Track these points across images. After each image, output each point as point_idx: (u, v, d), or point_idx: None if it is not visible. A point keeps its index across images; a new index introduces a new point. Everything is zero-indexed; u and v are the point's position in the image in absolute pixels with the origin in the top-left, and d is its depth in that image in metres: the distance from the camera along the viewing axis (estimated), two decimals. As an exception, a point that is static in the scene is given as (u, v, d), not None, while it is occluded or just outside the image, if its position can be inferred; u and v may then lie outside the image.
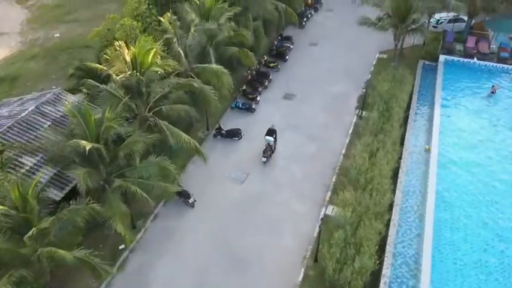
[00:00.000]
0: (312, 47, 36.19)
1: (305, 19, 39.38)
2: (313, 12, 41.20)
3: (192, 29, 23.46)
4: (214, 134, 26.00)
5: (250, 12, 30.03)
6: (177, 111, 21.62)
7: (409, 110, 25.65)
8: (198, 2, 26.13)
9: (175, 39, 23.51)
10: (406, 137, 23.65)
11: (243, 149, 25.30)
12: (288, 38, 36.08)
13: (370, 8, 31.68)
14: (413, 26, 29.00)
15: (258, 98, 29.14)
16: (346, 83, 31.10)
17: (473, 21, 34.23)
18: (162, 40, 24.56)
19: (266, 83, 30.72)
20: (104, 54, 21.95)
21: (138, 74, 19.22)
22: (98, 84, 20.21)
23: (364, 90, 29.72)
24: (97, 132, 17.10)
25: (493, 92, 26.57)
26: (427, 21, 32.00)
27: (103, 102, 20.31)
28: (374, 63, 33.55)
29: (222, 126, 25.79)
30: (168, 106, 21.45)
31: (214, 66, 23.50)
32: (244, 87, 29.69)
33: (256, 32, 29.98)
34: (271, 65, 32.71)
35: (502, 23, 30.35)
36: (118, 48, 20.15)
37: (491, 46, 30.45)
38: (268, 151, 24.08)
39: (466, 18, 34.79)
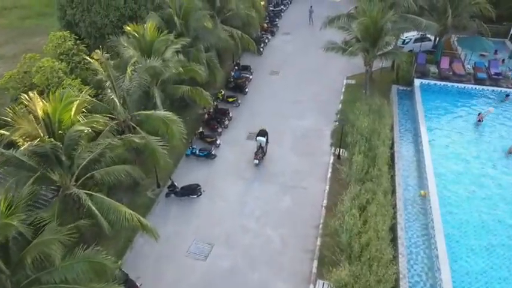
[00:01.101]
0: (273, 76, 32.18)
1: (262, 45, 35.53)
2: (270, 37, 37.51)
3: (129, 70, 18.50)
4: (167, 193, 20.91)
5: (201, 42, 25.61)
6: (115, 174, 16.58)
7: (393, 147, 21.93)
8: (137, 34, 21.31)
9: (108, 83, 18.49)
10: (396, 181, 19.76)
11: (205, 209, 20.36)
12: (246, 68, 31.94)
13: (330, 30, 28.20)
14: (385, 50, 25.66)
15: (218, 141, 24.46)
16: (315, 115, 27.15)
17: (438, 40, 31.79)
18: (93, 83, 19.65)
19: (226, 122, 26.15)
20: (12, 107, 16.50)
21: (54, 137, 14.03)
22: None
23: (336, 123, 26.01)
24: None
25: (480, 120, 23.50)
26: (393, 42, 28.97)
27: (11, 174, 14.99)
28: (343, 90, 30.00)
29: (175, 183, 20.78)
30: (102, 170, 16.33)
31: (160, 112, 18.63)
32: (200, 130, 24.92)
33: (210, 65, 25.50)
34: (230, 99, 28.27)
35: (471, 41, 27.76)
36: (27, 103, 14.84)
37: (466, 66, 27.75)
38: (260, 153, 22.83)
39: (432, 37, 32.34)
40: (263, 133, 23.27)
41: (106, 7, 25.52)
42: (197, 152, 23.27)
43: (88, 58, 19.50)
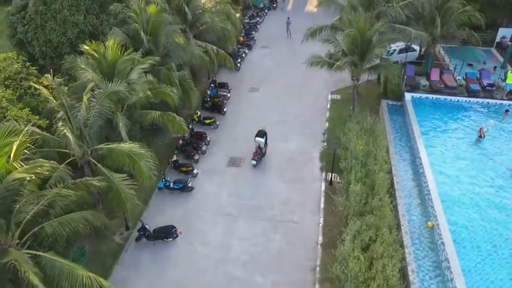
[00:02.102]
0: (252, 93, 29.59)
1: (239, 60, 32.95)
2: (247, 51, 34.99)
3: (85, 98, 15.42)
4: (137, 236, 17.81)
5: (172, 60, 22.78)
6: (71, 225, 13.53)
7: (391, 171, 19.57)
8: (96, 54, 18.30)
9: (61, 113, 15.39)
10: (399, 212, 17.34)
11: (182, 256, 17.32)
12: (223, 85, 29.26)
13: (309, 43, 25.98)
14: (373, 63, 23.53)
15: (196, 171, 21.55)
16: (301, 136, 24.64)
17: (423, 50, 30.07)
18: (45, 112, 16.53)
19: (203, 147, 23.28)
20: None
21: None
22: None
23: (325, 144, 23.58)
24: None
25: (481, 136, 21.51)
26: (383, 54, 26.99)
27: None
28: (328, 106, 27.67)
29: (146, 225, 17.71)
30: (55, 221, 13.25)
31: (125, 145, 15.61)
32: (174, 158, 21.96)
33: (184, 84, 22.63)
34: (207, 121, 25.44)
35: (462, 51, 25.99)
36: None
37: (457, 78, 25.95)
38: (259, 154, 22.04)
39: (417, 47, 30.62)
40: (262, 134, 22.17)
41: (63, 23, 22.39)
42: (171, 184, 20.27)
43: (35, 85, 16.32)
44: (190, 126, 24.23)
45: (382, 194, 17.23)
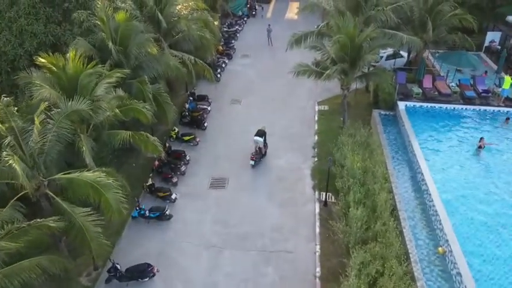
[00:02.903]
0: (234, 105, 27.46)
1: (219, 70, 30.87)
2: (227, 61, 32.95)
3: (37, 121, 12.90)
4: (107, 278, 15.25)
5: (145, 72, 20.45)
6: (20, 277, 11.00)
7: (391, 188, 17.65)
8: (55, 68, 15.80)
9: (9, 138, 12.82)
10: (405, 237, 15.36)
11: (160, 298, 14.92)
12: (203, 98, 27.04)
13: (292, 51, 24.17)
14: (364, 71, 21.78)
15: (174, 195, 19.14)
16: (290, 151, 22.58)
17: (411, 56, 28.67)
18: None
19: (183, 167, 20.90)
20: None
21: None
22: None
23: (315, 159, 21.61)
24: None
25: (480, 147, 19.94)
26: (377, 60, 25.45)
27: None
28: (316, 118, 25.76)
29: (117, 265, 15.18)
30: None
31: (88, 174, 13.15)
32: (149, 182, 19.51)
33: (159, 99, 20.29)
34: (186, 138, 23.11)
35: (456, 57, 24.50)
36: None
37: (450, 84, 24.48)
38: (258, 154, 21.28)
39: (405, 53, 29.20)
40: (261, 133, 21.31)
41: (19, 33, 19.80)
42: (147, 213, 17.81)
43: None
44: (167, 145, 21.86)
45: (386, 218, 15.27)
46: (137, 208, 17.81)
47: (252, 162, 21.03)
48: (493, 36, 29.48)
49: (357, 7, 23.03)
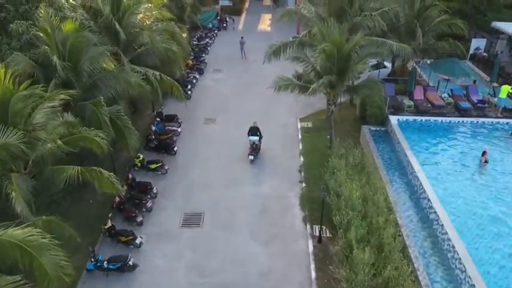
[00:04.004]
0: (208, 125, 24.47)
1: (190, 86, 27.90)
2: (198, 76, 30.04)
3: None
4: None
5: (101, 91, 17.21)
6: None
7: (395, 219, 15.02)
8: (-22, 89, 12.41)
9: None
10: (420, 282, 12.69)
11: None
12: (172, 118, 23.91)
13: (268, 64, 21.67)
14: (355, 83, 19.39)
15: (139, 239, 15.75)
16: (274, 176, 19.74)
17: (398, 66, 26.70)
18: None
19: (149, 203, 17.59)
20: None
21: None
22: None
23: (303, 184, 18.87)
24: None
25: (486, 162, 17.81)
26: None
27: None
28: (299, 137, 23.10)
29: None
30: None
31: (16, 232, 9.76)
32: (109, 224, 16.06)
33: (118, 123, 17.03)
34: (153, 166, 19.84)
35: (449, 66, 22.53)
36: None
37: (443, 95, 22.47)
38: (254, 149, 20.87)
39: (389, 64, 27.21)
40: (255, 131, 20.91)
41: None
42: (105, 264, 14.39)
43: None
44: (131, 176, 18.56)
45: (397, 260, 12.58)
46: (92, 260, 14.37)
47: (251, 157, 20.63)
48: (478, 43, 28.00)
49: (341, 13, 20.77)
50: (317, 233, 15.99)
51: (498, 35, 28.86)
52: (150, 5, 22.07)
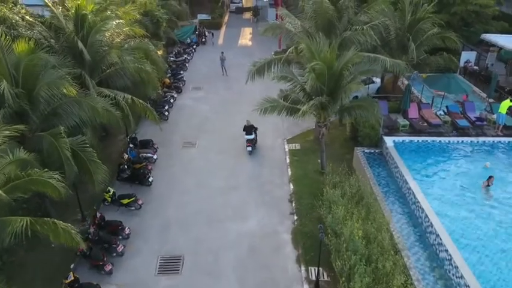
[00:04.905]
0: (187, 149, 22.35)
1: (167, 106, 25.77)
2: (175, 95, 28.00)
3: None
4: None
5: (63, 120, 14.98)
6: None
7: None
8: None
9: None
10: None
11: None
12: (147, 143, 21.71)
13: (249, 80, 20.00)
14: (348, 103, 17.66)
15: (108, 293, 13.45)
16: (261, 208, 17.70)
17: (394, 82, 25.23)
18: None
19: (120, 248, 15.24)
20: None
21: None
22: None
23: (295, 217, 16.91)
24: None
25: (489, 185, 16.26)
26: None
27: None
28: (287, 161, 21.18)
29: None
30: None
31: None
32: (70, 277, 13.55)
33: (83, 157, 14.72)
34: (125, 201, 17.52)
35: (445, 81, 21.09)
36: None
37: (438, 113, 21.01)
38: (251, 141, 21.38)
39: (378, 79, 25.79)
40: (250, 130, 21.37)
41: None
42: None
43: None
44: (99, 214, 16.22)
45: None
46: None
47: (250, 149, 21.23)
48: (468, 56, 26.87)
49: (330, 28, 19.14)
50: (314, 277, 13.98)
51: (486, 47, 27.92)
52: (120, 21, 20.00)
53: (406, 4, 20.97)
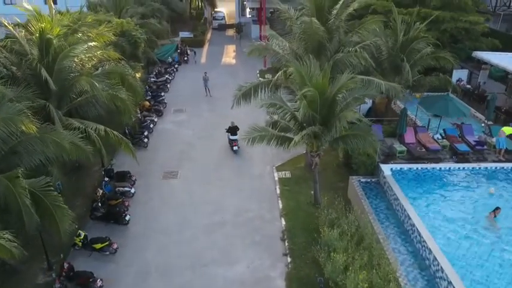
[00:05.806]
0: (168, 180, 20.52)
1: (146, 132, 23.96)
2: (156, 119, 26.24)
3: None
4: None
5: (24, 160, 13.11)
6: None
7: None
8: None
9: None
10: None
11: None
12: (124, 175, 19.81)
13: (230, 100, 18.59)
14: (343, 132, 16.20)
15: None
16: (250, 248, 15.94)
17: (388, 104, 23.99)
18: None
19: (91, 302, 13.32)
20: None
21: None
22: None
23: (288, 258, 15.24)
24: None
25: (495, 216, 14.97)
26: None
27: None
28: (278, 191, 19.55)
29: None
30: None
31: None
32: None
33: (46, 202, 12.80)
34: (98, 245, 15.56)
35: (442, 103, 19.83)
36: None
37: (435, 136, 19.80)
38: (237, 142, 21.91)
39: (369, 100, 24.53)
40: (234, 130, 21.95)
41: None
42: None
43: None
44: (67, 264, 14.24)
45: None
46: None
47: (236, 148, 22.04)
48: (459, 75, 25.99)
49: (320, 49, 17.81)
50: (313, 335, 12.26)
51: (474, 64, 27.14)
52: (93, 43, 18.28)
53: (398, 23, 19.87)
